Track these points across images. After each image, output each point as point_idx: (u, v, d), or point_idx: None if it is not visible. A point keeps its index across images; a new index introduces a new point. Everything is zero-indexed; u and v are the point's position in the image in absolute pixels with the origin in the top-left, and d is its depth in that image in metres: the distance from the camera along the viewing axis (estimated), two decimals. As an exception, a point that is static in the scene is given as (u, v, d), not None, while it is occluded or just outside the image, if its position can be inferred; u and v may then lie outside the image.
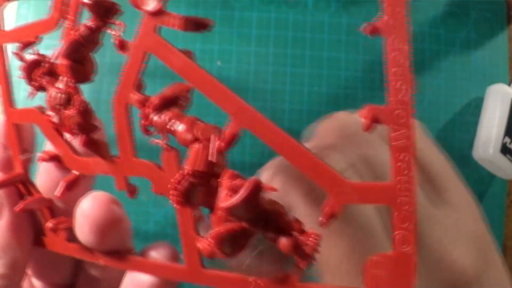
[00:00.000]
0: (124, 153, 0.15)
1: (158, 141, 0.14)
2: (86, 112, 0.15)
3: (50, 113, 0.16)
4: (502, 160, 0.38)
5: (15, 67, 0.17)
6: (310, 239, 0.12)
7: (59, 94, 0.15)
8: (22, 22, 0.32)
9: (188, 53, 0.14)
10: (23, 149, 0.18)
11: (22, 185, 0.17)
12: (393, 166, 0.11)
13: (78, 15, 0.16)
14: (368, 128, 0.11)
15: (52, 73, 0.16)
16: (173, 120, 0.14)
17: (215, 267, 0.14)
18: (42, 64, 0.16)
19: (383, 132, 0.13)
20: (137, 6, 0.14)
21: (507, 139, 0.38)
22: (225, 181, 0.13)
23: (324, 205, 0.12)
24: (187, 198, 0.13)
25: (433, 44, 0.40)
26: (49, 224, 0.17)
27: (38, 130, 0.18)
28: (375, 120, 0.11)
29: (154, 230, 0.36)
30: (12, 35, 0.17)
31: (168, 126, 0.14)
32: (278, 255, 0.13)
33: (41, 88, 0.16)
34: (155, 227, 0.36)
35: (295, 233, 0.13)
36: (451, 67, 0.40)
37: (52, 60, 0.16)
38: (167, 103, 0.14)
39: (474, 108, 0.40)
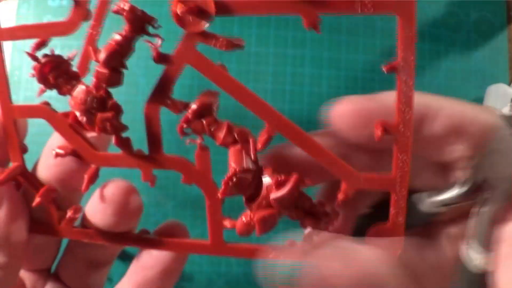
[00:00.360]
0: (155, 149, 0.17)
1: (194, 140, 0.17)
2: (119, 115, 0.17)
3: (77, 113, 0.16)
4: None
5: (15, 66, 0.17)
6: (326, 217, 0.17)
7: (94, 98, 0.16)
8: (22, 22, 0.32)
9: (223, 67, 0.16)
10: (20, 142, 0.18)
11: (20, 176, 0.18)
12: (394, 163, 0.16)
13: (102, 21, 0.18)
14: (379, 138, 0.16)
15: (69, 74, 0.17)
16: (213, 124, 0.17)
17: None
18: (58, 65, 0.17)
19: None
20: (183, 26, 0.15)
21: (507, 139, 0.38)
22: (270, 176, 0.16)
23: (340, 190, 0.16)
24: (239, 190, 0.17)
25: (433, 44, 0.40)
26: (70, 213, 0.18)
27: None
28: (384, 131, 0.16)
29: (154, 230, 0.36)
30: (20, 33, 0.17)
31: (209, 129, 0.17)
32: None
33: (53, 87, 0.17)
34: (155, 227, 0.36)
35: (318, 214, 0.17)
36: (451, 67, 0.40)
37: (69, 61, 0.17)
38: (205, 109, 0.16)
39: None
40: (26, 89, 0.36)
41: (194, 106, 0.16)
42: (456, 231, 0.17)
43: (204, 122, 0.16)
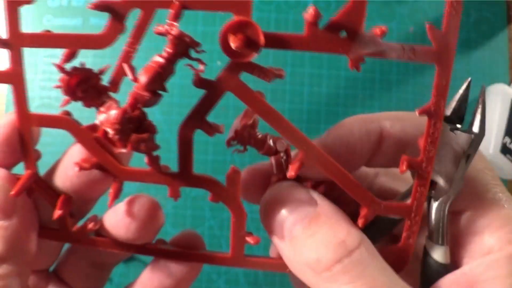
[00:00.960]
0: (185, 168, 0.17)
1: (240, 150, 0.18)
2: (154, 135, 0.17)
3: (108, 129, 0.16)
4: (502, 160, 0.38)
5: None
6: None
7: (129, 118, 0.16)
8: (22, 22, 0.32)
9: (260, 93, 0.17)
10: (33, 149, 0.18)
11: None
12: (413, 193, 0.17)
13: (140, 39, 0.17)
14: (403, 172, 0.17)
15: (98, 89, 0.17)
16: (257, 137, 0.18)
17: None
18: (87, 79, 0.16)
19: None
20: (232, 56, 0.15)
21: (507, 139, 0.38)
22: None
23: (361, 215, 0.17)
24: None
25: (433, 44, 0.40)
26: (91, 225, 0.18)
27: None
28: (409, 167, 0.17)
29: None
30: (45, 41, 0.16)
31: (254, 141, 0.18)
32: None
33: (80, 100, 0.17)
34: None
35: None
36: (451, 67, 0.40)
37: (99, 76, 0.17)
38: (253, 125, 0.18)
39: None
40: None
41: (244, 122, 0.18)
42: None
43: (250, 135, 0.18)
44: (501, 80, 0.40)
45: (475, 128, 0.19)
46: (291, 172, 0.17)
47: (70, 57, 0.16)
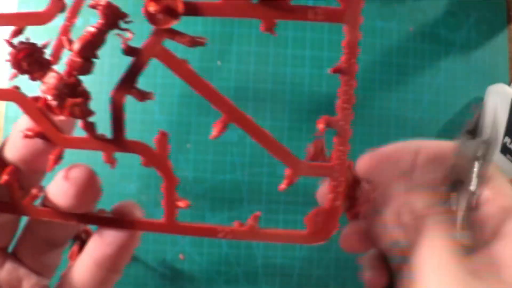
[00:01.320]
0: (118, 134, 0.18)
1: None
2: (88, 101, 0.18)
3: (49, 97, 0.18)
4: (502, 160, 0.38)
5: None
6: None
7: (65, 84, 0.18)
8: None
9: (186, 62, 0.18)
10: None
11: None
12: (334, 153, 0.18)
13: (77, 14, 0.19)
14: (321, 129, 0.18)
15: (42, 62, 0.18)
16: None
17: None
18: (32, 52, 0.18)
19: None
20: (154, 23, 0.17)
21: (507, 139, 0.38)
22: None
23: (286, 175, 0.18)
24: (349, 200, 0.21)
25: (433, 44, 0.40)
26: (35, 191, 0.19)
27: None
28: (327, 125, 0.18)
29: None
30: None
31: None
32: None
33: (26, 73, 0.18)
34: (155, 227, 0.36)
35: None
36: (451, 67, 0.40)
37: (42, 49, 0.18)
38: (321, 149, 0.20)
39: (474, 108, 0.40)
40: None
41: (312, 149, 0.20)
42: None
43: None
44: (501, 80, 0.40)
45: (485, 135, 0.22)
46: (214, 133, 0.18)
47: (17, 33, 0.18)
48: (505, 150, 0.38)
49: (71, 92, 0.18)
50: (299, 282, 0.38)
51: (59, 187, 0.19)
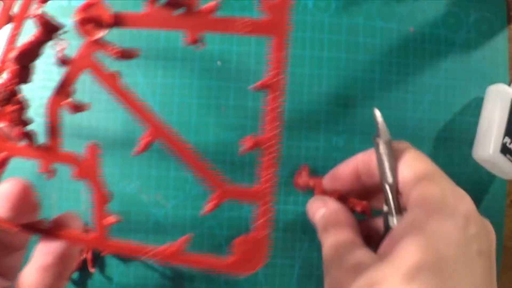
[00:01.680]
0: (53, 145, 0.19)
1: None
2: (25, 109, 0.19)
3: None
4: (502, 160, 0.38)
5: None
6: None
7: (2, 91, 0.18)
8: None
9: (116, 75, 0.19)
10: None
11: None
12: (262, 178, 0.18)
13: (23, 23, 0.19)
14: (247, 150, 0.18)
15: None
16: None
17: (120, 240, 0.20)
18: None
19: None
20: (87, 34, 0.17)
21: (507, 139, 0.38)
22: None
23: (213, 195, 0.19)
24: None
25: (433, 44, 0.40)
26: None
27: None
28: (254, 146, 0.18)
29: (153, 229, 0.36)
30: None
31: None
32: None
33: None
34: (154, 227, 0.36)
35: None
36: (451, 67, 0.40)
37: None
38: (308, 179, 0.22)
39: (474, 108, 0.40)
40: None
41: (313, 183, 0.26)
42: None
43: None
44: (501, 80, 0.40)
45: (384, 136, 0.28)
46: (140, 147, 0.19)
47: None
48: (505, 150, 0.38)
49: (8, 100, 0.18)
50: (299, 282, 0.38)
51: None
